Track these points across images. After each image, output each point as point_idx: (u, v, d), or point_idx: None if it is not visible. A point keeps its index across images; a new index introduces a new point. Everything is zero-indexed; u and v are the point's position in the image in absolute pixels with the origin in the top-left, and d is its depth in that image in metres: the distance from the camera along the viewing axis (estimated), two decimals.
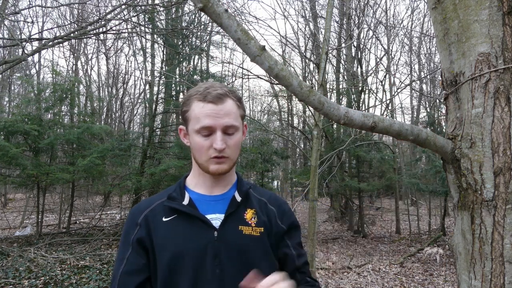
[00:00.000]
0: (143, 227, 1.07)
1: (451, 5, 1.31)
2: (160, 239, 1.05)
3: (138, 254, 1.06)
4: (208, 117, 1.04)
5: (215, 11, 0.95)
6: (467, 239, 1.27)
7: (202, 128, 1.05)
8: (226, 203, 1.12)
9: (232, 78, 14.70)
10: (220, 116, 1.05)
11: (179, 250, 1.03)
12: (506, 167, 1.18)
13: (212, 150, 1.06)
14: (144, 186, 9.65)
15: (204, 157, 1.07)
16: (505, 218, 1.18)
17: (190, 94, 1.10)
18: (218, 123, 1.05)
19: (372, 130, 1.21)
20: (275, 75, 1.07)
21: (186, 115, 1.10)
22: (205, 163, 1.08)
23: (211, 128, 1.05)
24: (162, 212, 1.08)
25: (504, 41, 1.21)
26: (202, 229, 1.06)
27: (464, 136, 1.27)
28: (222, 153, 1.06)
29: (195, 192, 1.13)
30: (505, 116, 1.20)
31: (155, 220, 1.08)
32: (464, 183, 1.26)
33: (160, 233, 1.06)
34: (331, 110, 1.14)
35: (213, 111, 1.05)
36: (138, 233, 1.07)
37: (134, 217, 1.10)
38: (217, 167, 1.07)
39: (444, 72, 1.38)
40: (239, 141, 1.11)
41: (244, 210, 1.12)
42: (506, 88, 1.20)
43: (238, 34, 1.00)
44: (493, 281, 1.19)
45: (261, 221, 1.12)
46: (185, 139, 1.15)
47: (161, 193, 1.16)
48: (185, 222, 1.07)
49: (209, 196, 1.13)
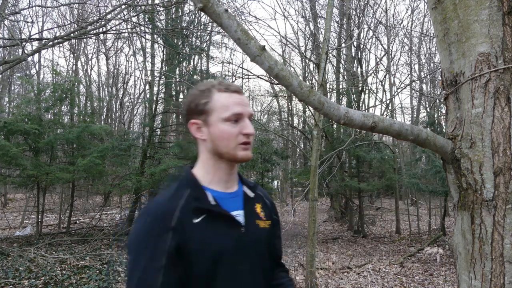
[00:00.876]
0: (179, 232, 1.01)
1: (451, 5, 1.31)
2: (197, 243, 1.02)
3: (175, 264, 0.99)
4: (238, 104, 1.11)
5: (215, 11, 0.95)
6: (467, 239, 1.27)
7: (233, 115, 1.09)
8: (241, 200, 1.17)
9: (232, 78, 14.71)
10: (245, 104, 1.12)
11: (217, 250, 1.04)
12: (506, 167, 1.18)
13: (241, 136, 1.10)
14: (144, 186, 9.65)
15: (232, 144, 1.10)
16: (505, 218, 1.18)
17: (206, 88, 1.14)
18: (246, 110, 1.11)
19: (372, 130, 1.21)
20: (275, 75, 1.07)
21: (208, 106, 1.11)
22: (233, 150, 1.11)
23: (241, 115, 1.10)
24: (190, 212, 1.05)
25: (504, 41, 1.21)
26: (232, 226, 1.09)
27: (464, 136, 1.27)
28: (250, 138, 1.12)
29: (213, 190, 1.13)
30: (505, 116, 1.20)
31: (188, 223, 1.04)
32: (464, 183, 1.26)
33: (196, 235, 1.03)
34: (331, 110, 1.14)
35: (240, 99, 1.12)
36: (174, 239, 1.00)
37: (165, 220, 1.01)
38: (245, 153, 1.11)
39: (444, 72, 1.38)
40: None
41: (254, 205, 1.19)
42: (506, 88, 1.20)
43: (238, 34, 1.00)
44: (493, 281, 1.19)
45: (267, 214, 1.22)
46: (199, 133, 1.14)
47: (172, 192, 1.10)
48: (214, 221, 1.07)
49: (226, 193, 1.15)
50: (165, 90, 11.69)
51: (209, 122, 1.12)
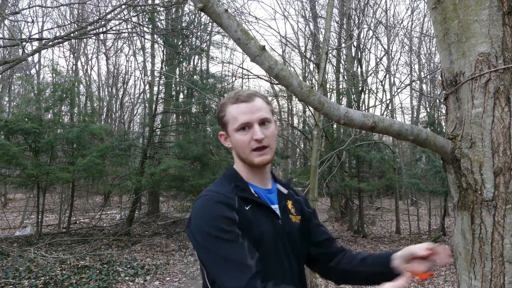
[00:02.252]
0: (239, 213, 1.14)
1: (451, 5, 1.31)
2: (246, 223, 1.13)
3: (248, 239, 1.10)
4: (244, 114, 1.19)
5: (215, 11, 0.95)
6: (467, 239, 1.27)
7: (241, 125, 1.19)
8: (275, 196, 1.28)
9: (232, 78, 14.71)
10: (253, 111, 1.19)
11: (260, 234, 1.15)
12: (506, 167, 1.18)
13: (253, 142, 1.18)
14: (144, 186, 9.65)
15: (247, 151, 1.20)
16: (505, 218, 1.18)
17: (223, 102, 1.25)
18: (253, 117, 1.19)
19: (372, 130, 1.21)
20: (275, 75, 1.07)
21: (224, 119, 1.24)
22: (249, 156, 1.20)
23: (249, 123, 1.19)
24: (240, 200, 1.17)
25: (504, 41, 1.21)
26: (272, 217, 1.21)
27: (464, 136, 1.27)
28: (263, 142, 1.18)
29: (254, 185, 1.25)
30: (505, 116, 1.20)
31: (243, 208, 1.17)
32: (464, 183, 1.26)
33: (247, 218, 1.14)
34: (331, 110, 1.14)
35: (247, 108, 1.19)
36: (237, 216, 1.12)
37: (229, 202, 1.13)
38: (261, 158, 1.20)
39: (444, 72, 1.38)
40: (274, 132, 1.24)
41: (287, 201, 1.30)
42: (506, 88, 1.20)
43: (238, 34, 1.00)
44: (493, 281, 1.19)
45: (297, 209, 1.33)
46: (226, 142, 1.28)
47: (223, 183, 1.23)
48: (259, 211, 1.19)
49: (263, 189, 1.27)
50: (165, 90, 11.69)
51: (228, 133, 1.24)
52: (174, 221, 12.05)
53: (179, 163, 9.32)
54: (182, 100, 12.34)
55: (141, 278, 6.12)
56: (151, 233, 10.26)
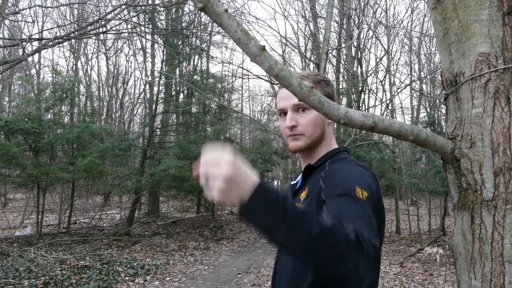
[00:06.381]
0: None
1: (451, 5, 1.31)
2: None
3: None
4: (281, 100, 1.21)
5: (215, 11, 0.95)
6: (467, 239, 1.27)
7: (279, 111, 1.23)
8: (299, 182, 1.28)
9: (232, 78, 14.70)
10: (289, 97, 1.14)
11: None
12: (506, 167, 1.18)
13: (287, 129, 1.20)
14: (144, 186, 9.65)
15: (284, 136, 1.23)
16: (505, 218, 1.18)
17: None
18: (288, 104, 1.19)
19: (372, 130, 1.21)
20: (275, 75, 1.07)
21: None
22: (287, 141, 1.23)
23: (284, 109, 1.21)
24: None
25: (504, 41, 1.21)
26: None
27: (464, 136, 1.27)
28: (294, 130, 1.18)
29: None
30: (505, 116, 1.20)
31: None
32: (464, 183, 1.26)
33: None
34: (331, 110, 1.14)
35: (285, 93, 1.18)
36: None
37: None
38: (292, 144, 1.20)
39: (444, 72, 1.38)
40: (314, 118, 1.18)
41: (304, 189, 1.19)
42: (506, 88, 1.20)
43: (238, 34, 1.00)
44: (493, 281, 1.19)
45: (309, 197, 1.11)
46: None
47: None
48: None
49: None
50: (165, 90, 11.70)
51: None
52: (174, 221, 12.06)
53: (179, 163, 9.31)
54: (182, 100, 12.34)
55: (141, 278, 6.12)
56: (151, 233, 10.26)
